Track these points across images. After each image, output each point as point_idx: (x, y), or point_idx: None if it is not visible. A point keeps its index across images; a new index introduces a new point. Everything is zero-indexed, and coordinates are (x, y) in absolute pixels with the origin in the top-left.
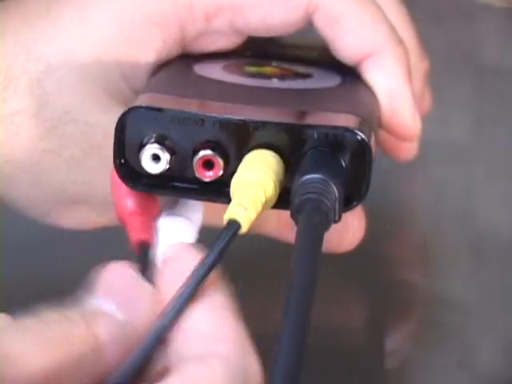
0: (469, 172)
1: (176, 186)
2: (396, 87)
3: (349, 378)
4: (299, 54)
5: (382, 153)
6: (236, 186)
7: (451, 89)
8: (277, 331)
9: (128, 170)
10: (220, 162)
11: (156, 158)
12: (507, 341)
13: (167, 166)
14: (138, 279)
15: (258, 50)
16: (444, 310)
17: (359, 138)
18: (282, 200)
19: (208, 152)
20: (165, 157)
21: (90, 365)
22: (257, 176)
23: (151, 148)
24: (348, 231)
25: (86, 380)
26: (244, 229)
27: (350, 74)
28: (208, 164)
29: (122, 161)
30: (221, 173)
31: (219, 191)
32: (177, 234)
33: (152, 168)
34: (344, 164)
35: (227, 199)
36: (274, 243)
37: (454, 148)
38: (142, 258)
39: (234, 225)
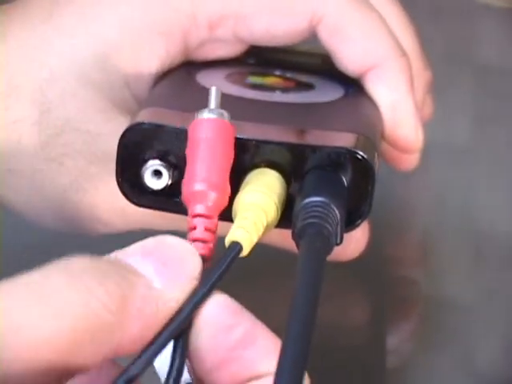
0: (469, 172)
1: (178, 201)
2: (399, 100)
3: (349, 376)
4: (302, 61)
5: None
6: (238, 208)
7: (451, 89)
8: (277, 327)
9: (131, 186)
10: None
11: (158, 173)
12: (508, 341)
13: (169, 182)
14: (189, 251)
15: (261, 57)
16: (445, 310)
17: (362, 158)
18: (284, 217)
19: None
20: (167, 172)
21: (109, 337)
22: (259, 199)
23: (153, 164)
24: (351, 240)
25: (101, 354)
26: (245, 251)
27: (352, 84)
28: None
29: (125, 177)
30: None
31: None
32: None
33: (154, 184)
34: (346, 184)
35: (229, 216)
36: None
37: (453, 148)
38: None
39: (235, 247)
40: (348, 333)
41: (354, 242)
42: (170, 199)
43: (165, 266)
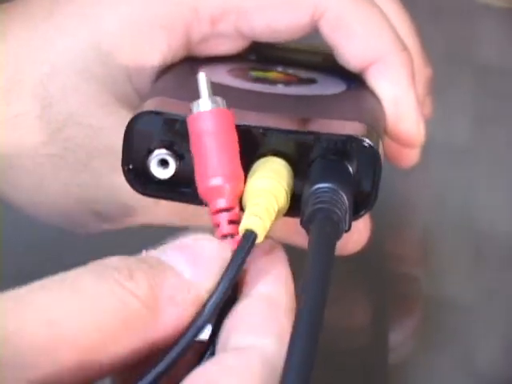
0: (469, 172)
1: (185, 191)
2: (401, 94)
3: (349, 374)
4: (304, 58)
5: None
6: (249, 194)
7: (451, 89)
8: None
9: (137, 175)
10: None
11: (164, 163)
12: (508, 341)
13: (176, 171)
14: (220, 246)
15: (262, 54)
16: (445, 309)
17: (368, 146)
18: (291, 206)
19: None
20: (173, 162)
21: (142, 327)
22: (269, 185)
23: (159, 153)
24: (353, 234)
25: (136, 344)
26: (260, 238)
27: (354, 81)
28: None
29: (131, 166)
30: None
31: None
32: None
33: (160, 173)
34: (352, 172)
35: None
36: None
37: (453, 148)
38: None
39: (250, 235)
40: (349, 331)
41: (357, 235)
42: (177, 188)
43: (195, 258)
